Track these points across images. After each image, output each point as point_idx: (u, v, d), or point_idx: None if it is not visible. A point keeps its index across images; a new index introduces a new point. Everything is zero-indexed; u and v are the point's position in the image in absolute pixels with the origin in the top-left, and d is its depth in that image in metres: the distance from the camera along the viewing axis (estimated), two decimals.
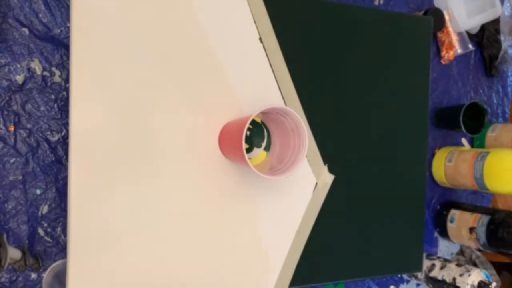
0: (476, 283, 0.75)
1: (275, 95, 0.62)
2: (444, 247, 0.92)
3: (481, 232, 0.80)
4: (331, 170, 0.65)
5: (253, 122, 0.59)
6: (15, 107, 0.62)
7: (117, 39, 0.53)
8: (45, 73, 0.63)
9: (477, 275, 0.75)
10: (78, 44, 0.51)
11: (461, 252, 0.93)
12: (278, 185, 0.61)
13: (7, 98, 0.61)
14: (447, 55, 0.90)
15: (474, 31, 0.93)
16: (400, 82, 0.71)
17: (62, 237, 0.64)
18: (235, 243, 0.59)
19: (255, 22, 0.60)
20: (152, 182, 0.55)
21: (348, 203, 0.67)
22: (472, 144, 0.95)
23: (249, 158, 0.54)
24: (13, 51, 0.61)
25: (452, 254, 0.93)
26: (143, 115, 0.54)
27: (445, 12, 0.87)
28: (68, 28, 0.60)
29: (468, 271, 0.76)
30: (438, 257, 0.84)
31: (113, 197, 0.53)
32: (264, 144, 0.59)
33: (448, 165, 0.85)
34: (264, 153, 0.58)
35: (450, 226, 0.86)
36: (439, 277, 0.79)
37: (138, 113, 0.54)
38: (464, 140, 0.94)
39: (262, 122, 0.59)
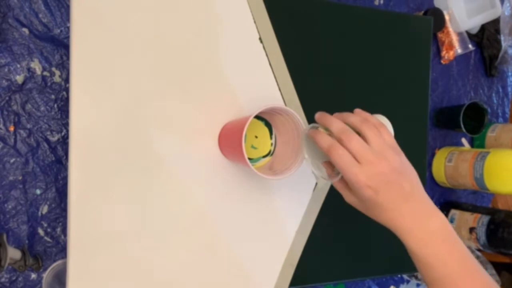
0: None
1: (275, 95, 0.62)
2: None
3: (481, 232, 0.80)
4: None
5: (264, 122, 0.58)
6: (15, 107, 0.62)
7: (117, 39, 0.53)
8: (45, 73, 0.63)
9: None
10: (78, 44, 0.51)
11: None
12: (278, 185, 0.61)
13: (7, 98, 0.61)
14: (447, 55, 0.90)
15: (474, 31, 0.93)
16: (400, 82, 0.71)
17: (62, 237, 0.64)
18: (235, 243, 0.59)
19: (255, 22, 0.60)
20: (151, 182, 0.55)
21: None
22: (472, 144, 0.94)
23: (253, 164, 0.54)
24: (13, 51, 0.61)
25: None
26: (143, 115, 0.54)
27: (445, 12, 0.86)
28: (68, 28, 0.60)
29: None
30: None
31: (113, 197, 0.53)
32: (272, 149, 0.58)
33: (448, 165, 0.85)
34: (269, 158, 0.58)
35: None
36: None
37: (138, 113, 0.54)
38: (464, 140, 0.94)
39: (268, 123, 0.58)
